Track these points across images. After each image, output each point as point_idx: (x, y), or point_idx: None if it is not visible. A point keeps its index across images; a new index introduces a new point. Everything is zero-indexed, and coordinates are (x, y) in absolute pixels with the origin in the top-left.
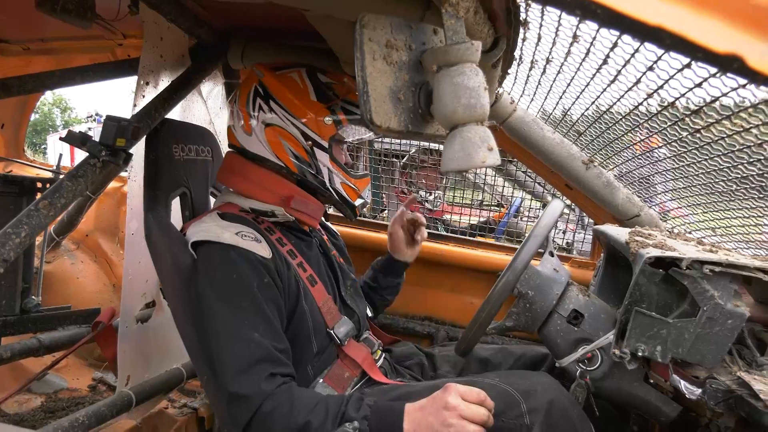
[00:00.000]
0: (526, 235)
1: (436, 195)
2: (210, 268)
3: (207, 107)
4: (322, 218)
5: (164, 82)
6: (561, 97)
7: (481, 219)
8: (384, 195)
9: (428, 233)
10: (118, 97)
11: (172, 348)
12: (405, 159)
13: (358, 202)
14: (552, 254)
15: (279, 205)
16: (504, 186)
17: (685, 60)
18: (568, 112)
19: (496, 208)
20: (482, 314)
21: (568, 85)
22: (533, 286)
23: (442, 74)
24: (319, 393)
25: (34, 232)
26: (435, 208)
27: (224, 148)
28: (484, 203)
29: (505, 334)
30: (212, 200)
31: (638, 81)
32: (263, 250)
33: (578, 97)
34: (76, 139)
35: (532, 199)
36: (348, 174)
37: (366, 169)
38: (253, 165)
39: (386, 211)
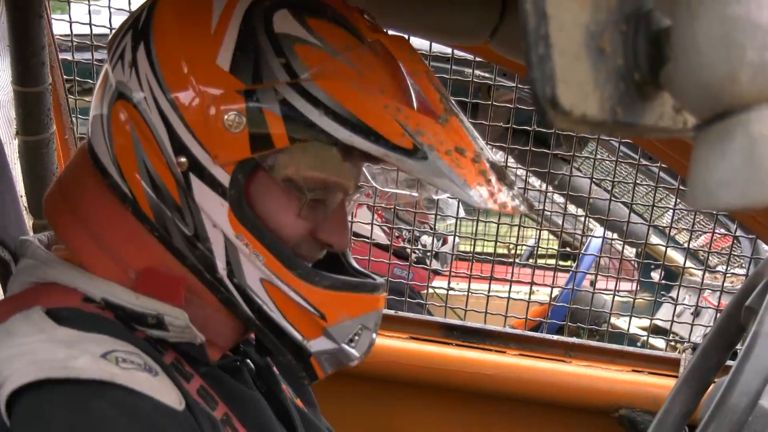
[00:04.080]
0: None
1: (440, 239)
2: None
3: None
4: None
5: None
6: None
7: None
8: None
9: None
10: None
11: None
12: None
13: (318, 345)
14: None
15: (127, 285)
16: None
17: None
18: None
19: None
20: None
21: None
22: None
23: (698, 1)
24: None
25: None
26: (441, 270)
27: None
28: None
29: None
30: None
31: None
32: (166, 392)
33: None
34: None
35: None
36: (296, 271)
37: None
38: (99, 184)
39: None
